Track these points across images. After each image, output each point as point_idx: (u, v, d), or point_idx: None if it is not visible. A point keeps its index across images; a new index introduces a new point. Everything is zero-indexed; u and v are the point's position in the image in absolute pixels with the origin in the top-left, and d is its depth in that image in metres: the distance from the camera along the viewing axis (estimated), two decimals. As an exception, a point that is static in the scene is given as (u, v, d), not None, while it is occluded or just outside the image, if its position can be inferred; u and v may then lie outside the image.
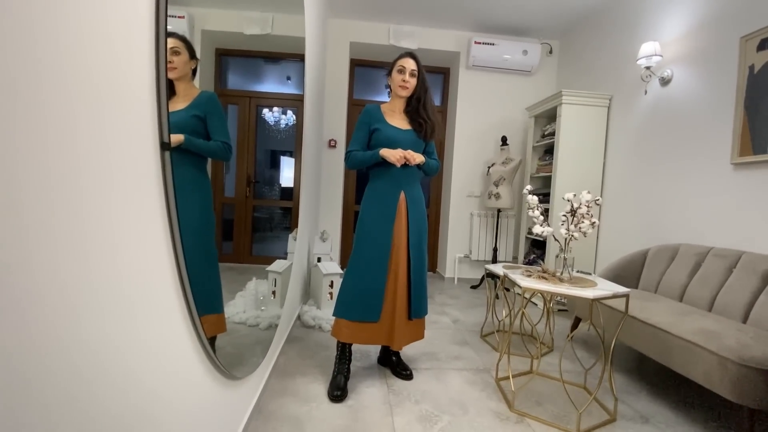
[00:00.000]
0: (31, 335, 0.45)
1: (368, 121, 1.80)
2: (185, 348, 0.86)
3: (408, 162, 1.71)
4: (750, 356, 1.39)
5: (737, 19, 2.17)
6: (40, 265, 0.46)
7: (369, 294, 1.73)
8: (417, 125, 1.80)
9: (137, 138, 0.64)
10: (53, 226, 0.48)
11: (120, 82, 0.59)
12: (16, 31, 0.41)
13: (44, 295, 0.47)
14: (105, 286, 0.58)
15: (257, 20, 1.55)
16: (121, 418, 0.63)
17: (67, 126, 0.49)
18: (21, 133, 0.43)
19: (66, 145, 0.49)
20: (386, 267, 1.74)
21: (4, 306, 0.41)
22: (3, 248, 0.41)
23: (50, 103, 0.47)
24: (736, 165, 2.13)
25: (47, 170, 0.47)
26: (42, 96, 0.45)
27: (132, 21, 0.61)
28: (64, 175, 0.49)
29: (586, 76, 3.63)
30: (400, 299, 1.76)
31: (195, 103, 1.03)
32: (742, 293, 1.84)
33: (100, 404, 0.58)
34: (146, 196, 0.68)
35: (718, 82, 2.27)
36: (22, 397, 0.44)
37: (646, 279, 2.41)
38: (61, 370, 0.50)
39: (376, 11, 3.74)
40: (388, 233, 1.75)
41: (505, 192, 3.72)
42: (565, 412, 1.66)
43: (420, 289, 1.82)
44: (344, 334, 1.75)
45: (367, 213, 1.78)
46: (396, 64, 1.78)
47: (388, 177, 1.76)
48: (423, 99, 1.79)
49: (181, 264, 0.77)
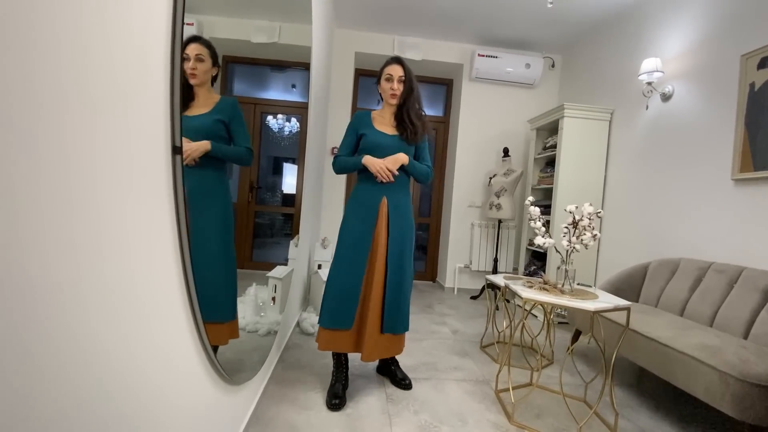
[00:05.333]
0: (46, 331, 0.45)
1: (356, 126, 1.81)
2: (189, 351, 0.86)
3: (391, 172, 1.69)
4: (751, 372, 1.38)
5: (738, 37, 2.20)
6: (53, 264, 0.47)
7: (343, 301, 1.70)
8: (402, 129, 1.77)
9: (149, 141, 0.65)
10: (67, 227, 0.48)
11: (134, 86, 0.60)
12: (30, 39, 0.43)
13: (57, 294, 0.47)
14: (115, 288, 0.58)
15: (265, 29, 1.57)
16: (129, 417, 0.63)
17: (83, 128, 0.50)
18: (42, 135, 0.44)
19: (81, 148, 0.50)
20: (361, 274, 1.71)
21: (23, 304, 0.42)
22: (19, 249, 0.42)
23: (66, 108, 0.48)
24: (736, 181, 2.14)
25: (62, 173, 0.47)
26: (60, 101, 0.46)
27: (149, 26, 0.63)
28: (77, 178, 0.50)
29: (588, 90, 3.67)
30: (373, 310, 1.70)
31: (218, 108, 1.04)
32: (743, 309, 1.83)
33: (110, 402, 0.58)
34: (157, 200, 0.69)
35: (718, 99, 2.29)
36: (37, 391, 0.44)
37: (647, 293, 2.40)
38: (73, 366, 0.50)
39: (382, 22, 3.80)
40: (366, 239, 1.72)
41: (506, 203, 3.73)
42: (565, 425, 1.65)
43: (396, 302, 1.74)
44: (321, 341, 1.72)
45: (348, 218, 1.78)
46: (383, 73, 1.77)
47: (371, 181, 1.74)
48: (407, 103, 1.76)
49: (188, 268, 0.78)
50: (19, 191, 0.41)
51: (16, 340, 0.42)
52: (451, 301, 3.79)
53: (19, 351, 0.42)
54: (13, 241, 0.41)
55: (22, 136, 0.41)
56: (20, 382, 0.43)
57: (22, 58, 0.41)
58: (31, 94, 0.42)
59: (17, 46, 0.40)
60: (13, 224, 0.41)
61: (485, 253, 4.11)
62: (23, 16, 0.41)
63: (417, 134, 1.77)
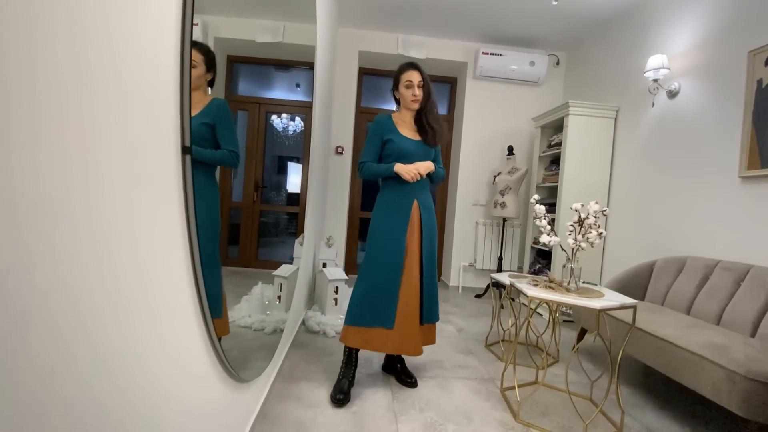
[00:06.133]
0: (59, 329, 0.46)
1: (381, 132, 1.82)
2: (198, 349, 0.87)
3: (421, 176, 1.76)
4: (759, 370, 1.38)
5: (745, 33, 2.18)
6: (63, 265, 0.47)
7: (383, 300, 1.73)
8: (423, 133, 1.83)
9: (161, 142, 0.66)
10: (80, 226, 0.49)
11: (146, 88, 0.61)
12: (43, 38, 0.43)
13: (69, 294, 0.48)
14: (128, 286, 0.59)
15: (269, 29, 1.58)
16: (140, 414, 0.64)
17: (94, 128, 0.51)
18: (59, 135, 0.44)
19: (93, 146, 0.51)
20: (400, 273, 1.75)
21: (40, 301, 0.43)
22: (32, 250, 0.43)
23: (80, 108, 0.48)
24: (744, 178, 2.12)
25: (76, 172, 0.48)
26: (74, 100, 0.47)
27: (159, 29, 0.64)
28: (91, 177, 0.51)
29: (593, 87, 3.65)
30: (411, 306, 1.76)
31: (205, 111, 1.04)
32: (750, 307, 1.82)
33: (122, 399, 0.59)
34: (167, 199, 0.70)
35: (725, 96, 2.28)
36: (51, 389, 0.45)
37: (653, 291, 2.39)
38: (85, 365, 0.51)
39: (386, 21, 3.80)
40: (401, 240, 1.77)
41: (510, 201, 3.72)
42: (571, 423, 1.65)
43: (432, 295, 1.84)
44: (355, 339, 1.75)
45: (380, 220, 1.80)
46: (402, 80, 1.80)
47: (401, 186, 1.80)
48: (425, 108, 1.82)
49: (197, 266, 0.79)
50: (28, 191, 0.42)
51: (26, 339, 0.43)
52: (455, 299, 3.80)
53: (29, 350, 0.43)
54: (28, 241, 0.42)
55: (38, 136, 0.42)
56: (31, 381, 0.44)
57: (32, 60, 0.42)
58: (46, 96, 0.43)
59: (34, 47, 0.41)
60: (27, 225, 0.42)
61: (490, 252, 4.10)
62: (40, 16, 0.42)
63: (437, 138, 1.83)
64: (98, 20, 0.50)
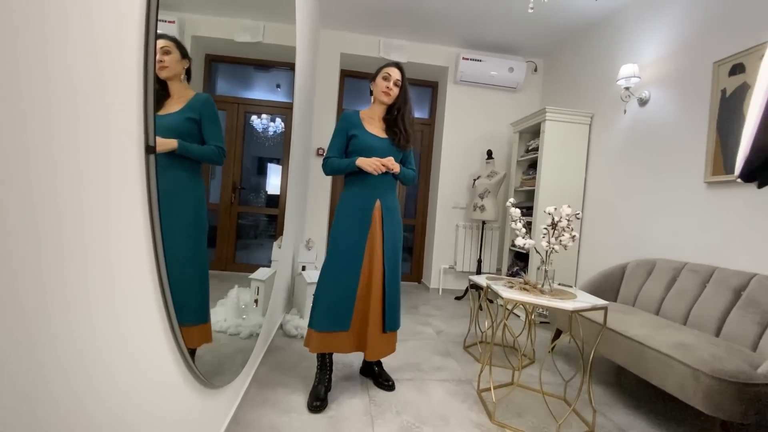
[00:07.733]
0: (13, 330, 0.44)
1: (346, 127, 1.80)
2: (163, 355, 0.84)
3: (388, 169, 1.73)
4: (722, 369, 1.43)
5: (711, 44, 2.28)
6: (20, 264, 0.45)
7: (340, 303, 1.71)
8: (392, 134, 1.81)
9: (122, 140, 0.64)
10: (35, 226, 0.47)
11: (106, 84, 0.59)
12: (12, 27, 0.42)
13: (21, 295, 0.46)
14: (88, 287, 0.57)
15: (249, 28, 1.56)
16: (98, 425, 0.62)
17: (51, 126, 0.49)
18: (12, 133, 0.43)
19: (55, 147, 0.49)
20: (358, 275, 1.73)
21: None
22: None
23: (38, 103, 0.47)
24: (709, 183, 2.21)
25: (32, 171, 0.46)
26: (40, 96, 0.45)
27: (122, 22, 0.62)
28: (51, 176, 0.49)
29: (569, 94, 3.75)
30: (374, 311, 1.73)
31: (190, 106, 1.02)
32: (715, 307, 1.90)
33: (79, 403, 0.57)
34: (129, 201, 0.67)
35: (692, 104, 2.37)
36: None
37: (625, 292, 2.46)
38: (42, 370, 0.49)
39: (368, 24, 3.81)
40: (362, 241, 1.74)
41: (489, 204, 3.78)
42: (545, 423, 1.68)
43: (394, 302, 1.81)
44: (317, 344, 1.72)
45: (342, 220, 1.77)
46: (382, 71, 1.81)
47: (363, 184, 1.76)
48: (402, 110, 1.82)
49: (161, 268, 0.77)
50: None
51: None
52: (436, 301, 3.82)
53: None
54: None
55: None
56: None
57: None
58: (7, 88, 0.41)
59: None
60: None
61: (470, 254, 4.15)
62: None
63: (408, 142, 1.83)
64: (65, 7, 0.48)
